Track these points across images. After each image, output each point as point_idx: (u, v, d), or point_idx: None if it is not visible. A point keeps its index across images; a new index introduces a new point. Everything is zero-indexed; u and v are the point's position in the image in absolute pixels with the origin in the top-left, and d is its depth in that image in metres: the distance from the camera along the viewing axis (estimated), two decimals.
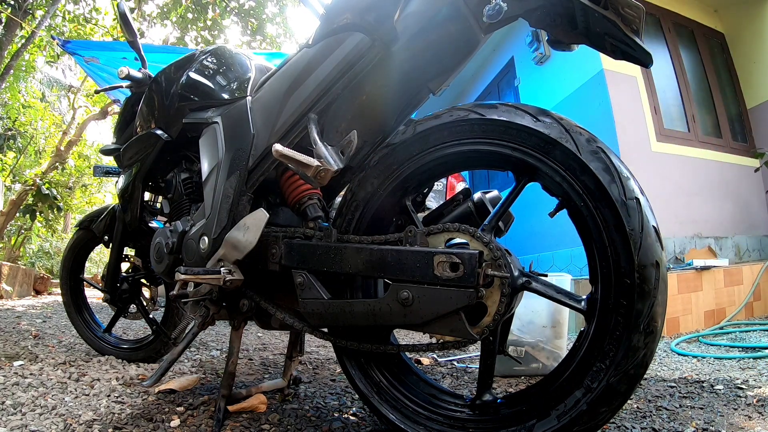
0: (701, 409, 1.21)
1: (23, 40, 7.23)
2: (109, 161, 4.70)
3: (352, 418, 1.15)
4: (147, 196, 1.60)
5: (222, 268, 1.01)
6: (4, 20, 6.44)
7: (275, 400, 1.25)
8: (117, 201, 1.62)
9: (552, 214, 0.84)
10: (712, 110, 3.87)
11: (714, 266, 2.76)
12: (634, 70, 3.38)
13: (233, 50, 1.36)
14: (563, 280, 1.76)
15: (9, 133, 9.70)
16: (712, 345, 2.16)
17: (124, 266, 1.77)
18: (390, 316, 0.81)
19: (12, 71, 7.13)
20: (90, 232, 1.80)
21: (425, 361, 1.90)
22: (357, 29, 0.89)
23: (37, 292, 5.19)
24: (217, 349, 2.03)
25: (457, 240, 0.80)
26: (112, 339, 1.82)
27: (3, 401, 1.12)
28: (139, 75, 1.52)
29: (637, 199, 0.70)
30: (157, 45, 6.67)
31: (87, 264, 2.08)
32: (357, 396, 0.94)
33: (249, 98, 1.13)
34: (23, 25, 6.51)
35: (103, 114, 8.95)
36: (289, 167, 0.89)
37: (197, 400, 1.20)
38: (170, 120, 1.30)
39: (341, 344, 0.92)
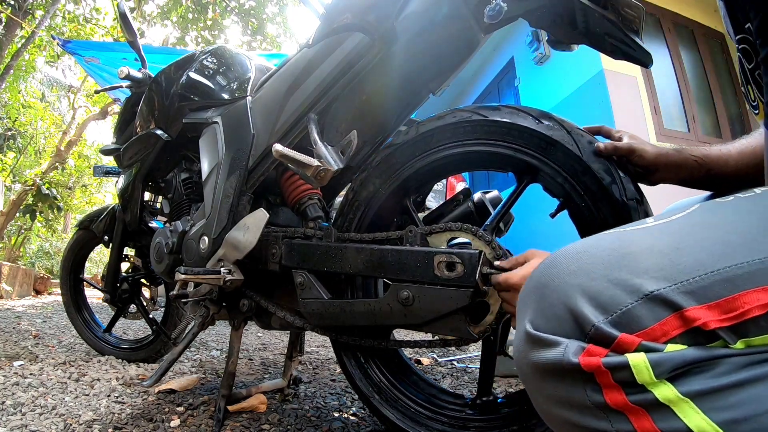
0: None
1: (23, 40, 7.23)
2: (109, 161, 4.70)
3: (352, 418, 1.15)
4: (147, 196, 1.60)
5: (222, 268, 1.01)
6: (4, 20, 6.44)
7: (275, 400, 1.25)
8: (117, 201, 1.62)
9: (553, 215, 0.84)
10: (712, 110, 3.87)
11: None
12: (634, 70, 3.38)
13: (233, 50, 1.36)
14: None
15: (9, 133, 9.70)
16: None
17: (124, 266, 1.77)
18: (390, 315, 0.81)
19: (12, 71, 7.13)
20: (90, 232, 1.80)
21: (425, 361, 1.90)
22: (357, 29, 0.89)
23: (37, 292, 5.19)
24: (217, 349, 2.03)
25: (460, 239, 0.80)
26: (112, 339, 1.82)
27: (3, 401, 1.12)
28: (139, 75, 1.52)
29: (637, 200, 0.71)
30: (156, 46, 6.68)
31: (87, 264, 2.08)
32: (357, 396, 0.94)
33: (249, 98, 1.13)
34: (23, 25, 6.51)
35: (103, 114, 8.95)
36: (289, 167, 0.89)
37: (197, 400, 1.20)
38: (170, 120, 1.30)
39: (342, 340, 0.92)
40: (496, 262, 0.73)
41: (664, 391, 0.30)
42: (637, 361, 0.30)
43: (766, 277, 0.31)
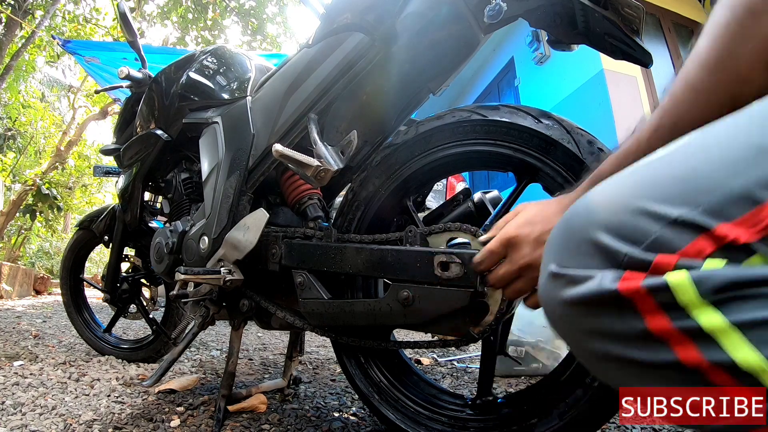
0: None
1: (23, 40, 7.23)
2: (109, 161, 4.70)
3: (352, 418, 1.15)
4: (147, 196, 1.60)
5: (222, 268, 1.01)
6: (4, 20, 6.44)
7: (275, 400, 1.25)
8: (117, 201, 1.62)
9: None
10: None
11: None
12: (634, 70, 3.39)
13: (233, 50, 1.36)
14: None
15: (9, 133, 9.70)
16: None
17: (124, 266, 1.77)
18: (390, 316, 0.80)
19: (12, 71, 7.13)
20: (90, 232, 1.80)
21: (425, 361, 1.90)
22: (357, 29, 0.89)
23: (37, 292, 5.19)
24: (217, 349, 2.03)
25: (459, 239, 0.80)
26: (112, 339, 1.82)
27: (3, 401, 1.12)
28: (139, 75, 1.52)
29: None
30: (156, 46, 6.68)
31: (87, 264, 2.08)
32: (357, 396, 0.94)
33: (249, 98, 1.13)
34: (23, 25, 6.51)
35: (103, 114, 8.95)
36: (289, 167, 0.89)
37: (197, 400, 1.20)
38: (170, 120, 1.30)
39: (342, 341, 0.92)
40: (481, 237, 0.70)
41: (712, 319, 0.27)
42: (679, 278, 0.28)
43: None
